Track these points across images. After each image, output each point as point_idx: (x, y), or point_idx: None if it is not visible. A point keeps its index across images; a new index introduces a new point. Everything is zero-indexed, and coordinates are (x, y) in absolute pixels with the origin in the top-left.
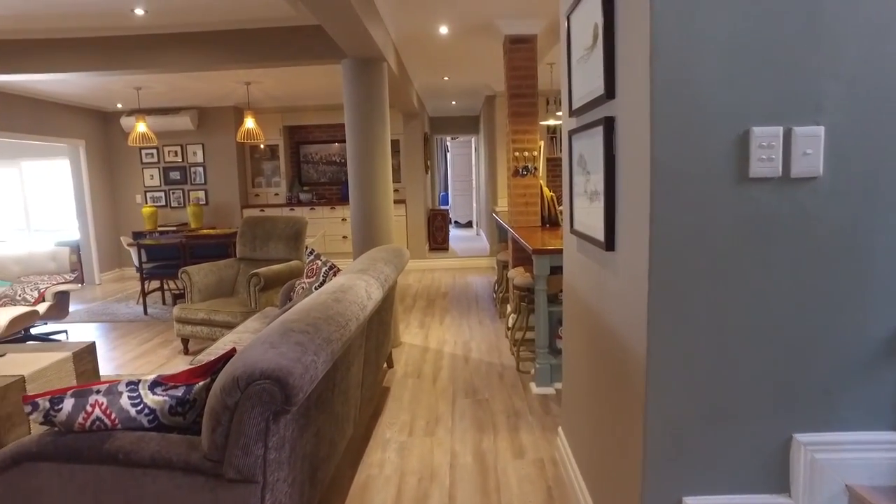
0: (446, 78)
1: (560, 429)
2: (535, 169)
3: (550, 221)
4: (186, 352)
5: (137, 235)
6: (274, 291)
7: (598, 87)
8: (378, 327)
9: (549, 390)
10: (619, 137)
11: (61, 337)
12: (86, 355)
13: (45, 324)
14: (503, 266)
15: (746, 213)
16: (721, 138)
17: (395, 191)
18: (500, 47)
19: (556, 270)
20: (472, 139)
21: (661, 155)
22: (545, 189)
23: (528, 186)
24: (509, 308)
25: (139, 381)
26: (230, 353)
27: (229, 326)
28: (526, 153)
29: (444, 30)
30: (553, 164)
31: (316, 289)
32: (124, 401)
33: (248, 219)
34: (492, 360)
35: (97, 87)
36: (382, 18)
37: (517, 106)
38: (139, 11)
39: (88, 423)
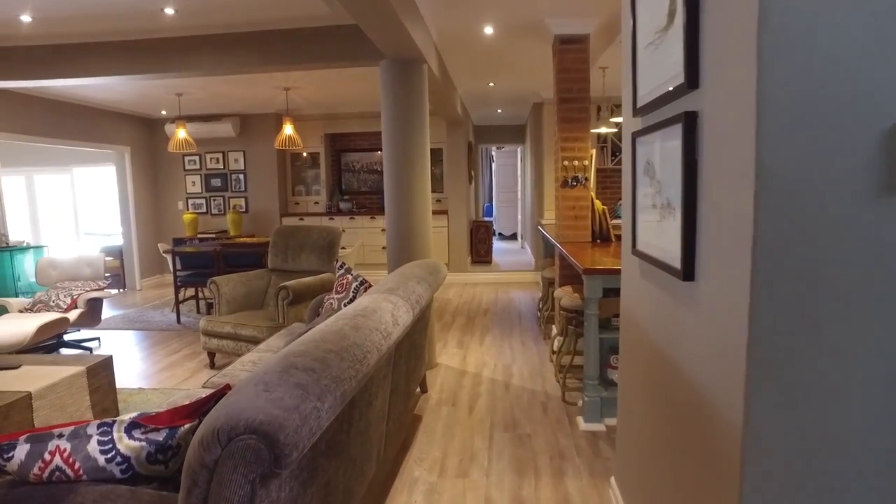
0: (491, 84)
1: (613, 479)
2: (586, 179)
3: (601, 237)
4: (212, 366)
5: (178, 242)
6: (303, 305)
7: (675, 76)
8: (409, 352)
9: (600, 427)
10: (703, 137)
11: (93, 344)
12: (101, 370)
13: (78, 330)
14: (549, 283)
15: (891, 237)
16: (861, 137)
17: (438, 201)
18: (550, 49)
19: (610, 293)
20: (518, 149)
21: (770, 160)
22: (596, 202)
23: (578, 198)
24: (555, 329)
25: (114, 421)
26: (223, 391)
27: (255, 342)
28: (576, 162)
29: (489, 30)
30: (603, 175)
31: (345, 306)
32: (92, 447)
33: (280, 228)
34: (535, 388)
35: (141, 94)
36: (423, 17)
37: (567, 111)
38: (169, 11)
39: (46, 473)
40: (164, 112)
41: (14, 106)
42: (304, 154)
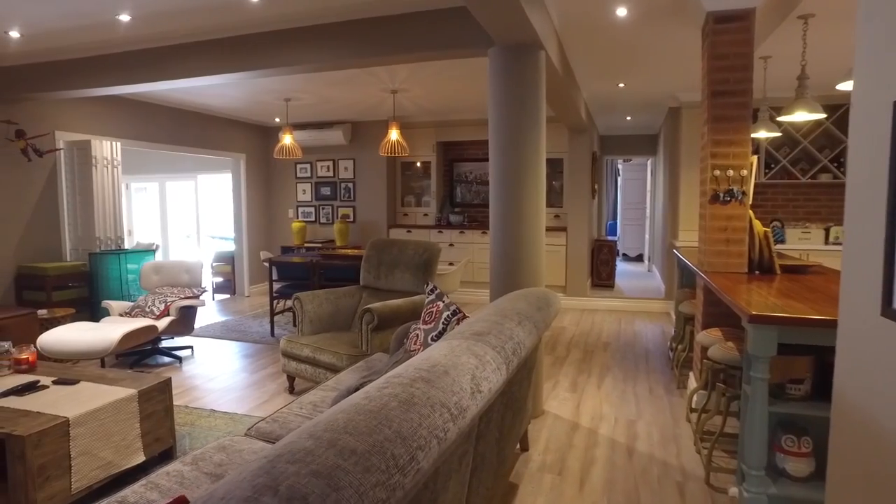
0: (621, 85)
1: None
2: (744, 194)
3: (762, 267)
4: (291, 390)
5: (285, 250)
6: (391, 331)
7: None
8: (505, 409)
9: None
10: None
11: (185, 353)
12: (156, 394)
13: (172, 338)
14: (686, 320)
15: None
16: None
17: (556, 216)
18: (698, 32)
19: (786, 349)
20: (648, 161)
21: None
22: (756, 223)
23: (732, 217)
24: (693, 379)
25: None
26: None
27: (333, 370)
28: (730, 172)
29: (622, 11)
30: (759, 189)
31: (433, 339)
32: None
33: (375, 241)
34: (667, 459)
35: (254, 101)
36: None
37: (721, 108)
38: (253, 0)
39: None
40: (277, 119)
41: (142, 115)
42: (417, 164)
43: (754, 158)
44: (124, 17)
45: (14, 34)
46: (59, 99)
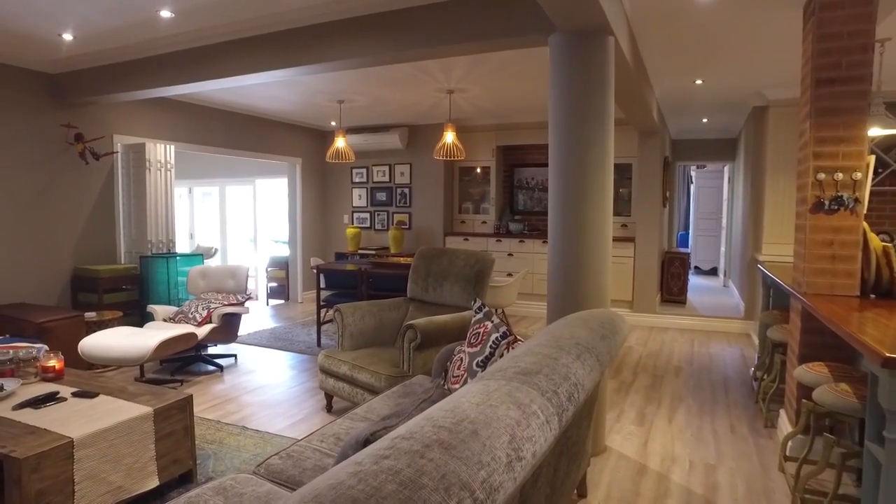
0: (699, 81)
1: None
2: (856, 202)
3: (879, 290)
4: (329, 409)
5: (339, 257)
6: (436, 350)
7: None
8: (558, 459)
9: None
10: None
11: (228, 361)
12: (174, 412)
13: (215, 345)
14: (774, 346)
15: None
16: None
17: (623, 226)
18: (797, 14)
19: None
20: (725, 167)
21: None
22: (872, 236)
23: (840, 230)
24: (784, 417)
25: None
26: None
27: (372, 391)
28: (839, 175)
29: None
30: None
31: (478, 366)
32: None
33: (423, 250)
34: None
35: (308, 104)
36: None
37: (829, 98)
38: None
39: None
40: (333, 123)
41: (196, 118)
42: (478, 169)
43: (871, 159)
44: (165, 13)
45: (67, 37)
46: (116, 102)
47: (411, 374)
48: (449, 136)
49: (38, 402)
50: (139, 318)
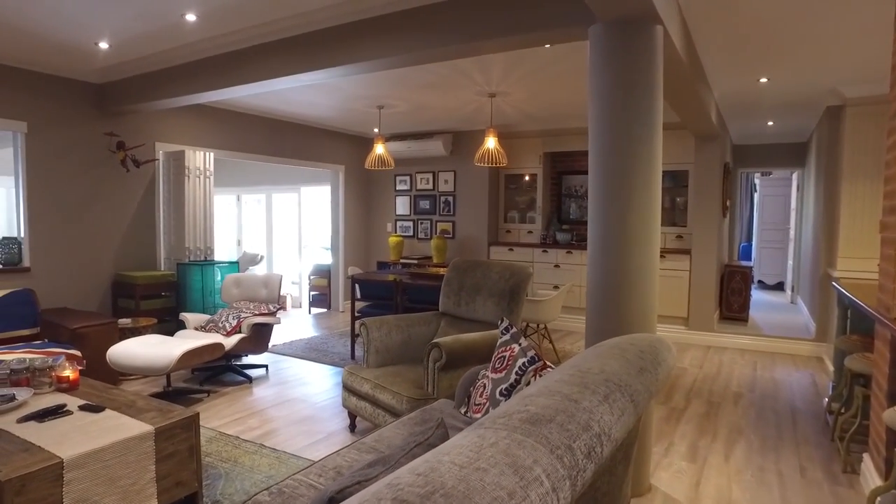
0: (764, 79)
1: None
2: None
3: None
4: (353, 428)
5: (381, 266)
6: (465, 370)
7: None
8: None
9: None
10: None
11: (259, 372)
12: (178, 431)
13: (245, 355)
14: (855, 377)
15: None
16: None
17: (678, 237)
18: None
19: None
20: (794, 175)
21: None
22: None
23: None
24: (869, 464)
25: None
26: None
27: (393, 413)
28: None
29: None
30: None
31: (502, 395)
32: None
33: (457, 261)
34: None
35: (347, 109)
36: None
37: None
38: None
39: None
40: (376, 130)
41: (237, 126)
42: (526, 177)
43: None
44: (190, 17)
45: (103, 45)
46: (157, 110)
47: (435, 396)
48: (490, 142)
49: (43, 416)
50: (175, 325)
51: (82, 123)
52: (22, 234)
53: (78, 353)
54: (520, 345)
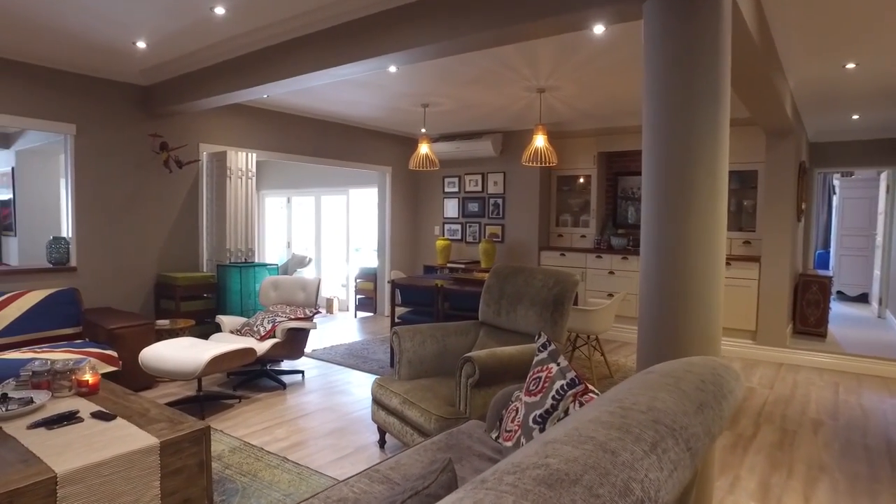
0: (851, 65)
1: None
2: None
3: None
4: (382, 444)
5: (428, 270)
6: (500, 387)
7: None
8: None
9: None
10: None
11: (294, 378)
12: (187, 445)
13: (282, 360)
14: None
15: None
16: None
17: (746, 243)
18: None
19: None
20: (882, 175)
21: None
22: None
23: None
24: None
25: None
26: None
27: (421, 432)
28: None
29: None
30: None
31: (536, 422)
32: None
33: (498, 267)
34: None
35: (393, 109)
36: None
37: None
38: None
39: None
40: (423, 130)
41: (281, 126)
42: (580, 179)
43: None
44: (219, 10)
45: (140, 44)
46: (200, 111)
47: (468, 415)
48: (539, 140)
49: (53, 422)
50: (213, 327)
51: (128, 125)
52: (69, 235)
53: (114, 353)
54: (558, 364)
